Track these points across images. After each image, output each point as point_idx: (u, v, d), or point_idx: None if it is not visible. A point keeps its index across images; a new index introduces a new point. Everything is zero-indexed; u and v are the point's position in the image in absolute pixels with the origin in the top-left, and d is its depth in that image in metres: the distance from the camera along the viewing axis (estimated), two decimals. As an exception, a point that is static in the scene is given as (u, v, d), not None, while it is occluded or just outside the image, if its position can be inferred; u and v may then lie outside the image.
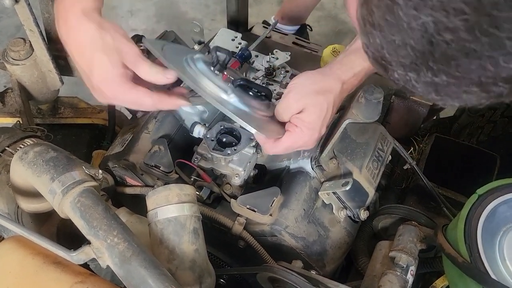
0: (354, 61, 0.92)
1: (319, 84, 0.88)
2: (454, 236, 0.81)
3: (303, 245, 0.93)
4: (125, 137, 1.10)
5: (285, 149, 0.89)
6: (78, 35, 0.78)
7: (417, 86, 0.51)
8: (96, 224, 0.73)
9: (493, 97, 0.49)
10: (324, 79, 0.89)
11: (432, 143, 1.22)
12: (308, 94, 0.86)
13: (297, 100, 0.86)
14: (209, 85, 0.81)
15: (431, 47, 0.46)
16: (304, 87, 0.87)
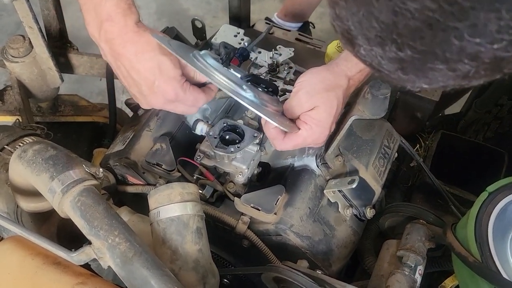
0: None
1: (328, 81, 0.87)
2: (464, 234, 0.79)
3: (309, 244, 0.91)
4: (126, 135, 1.08)
5: (294, 146, 0.88)
6: (138, 45, 0.81)
7: (382, 62, 0.48)
8: (97, 223, 0.71)
9: (460, 76, 0.46)
10: (332, 75, 0.88)
11: (438, 140, 1.20)
12: (318, 92, 0.85)
13: (308, 99, 0.85)
14: (226, 79, 0.81)
15: (395, 17, 0.43)
16: (314, 85, 0.86)
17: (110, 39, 0.81)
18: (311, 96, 0.85)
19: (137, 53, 0.81)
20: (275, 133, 0.87)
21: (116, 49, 0.82)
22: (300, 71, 1.19)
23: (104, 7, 0.79)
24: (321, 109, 0.85)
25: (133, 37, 0.81)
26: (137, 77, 0.83)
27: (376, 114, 0.86)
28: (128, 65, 0.83)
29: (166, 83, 0.83)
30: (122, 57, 0.82)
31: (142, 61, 0.82)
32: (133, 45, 0.81)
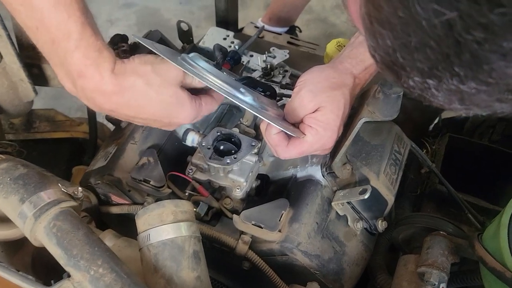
0: (364, 53, 0.84)
1: (332, 79, 0.78)
2: (495, 246, 0.70)
3: (318, 264, 0.81)
4: (108, 149, 0.98)
5: (300, 153, 0.78)
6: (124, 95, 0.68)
7: (437, 95, 0.41)
8: (77, 252, 0.61)
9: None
10: (336, 73, 0.80)
11: (446, 144, 1.12)
12: (322, 91, 0.76)
13: (312, 98, 0.76)
14: (222, 82, 0.71)
15: (457, 48, 0.36)
16: (317, 83, 0.77)
17: (91, 97, 0.68)
18: (315, 95, 0.77)
19: (128, 107, 0.69)
20: (278, 139, 0.78)
21: (102, 107, 0.69)
22: (296, 75, 1.11)
23: (72, 61, 0.65)
24: (327, 110, 0.76)
25: (114, 89, 0.67)
26: (144, 121, 0.73)
27: (389, 115, 0.77)
28: (125, 118, 0.72)
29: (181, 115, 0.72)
30: (114, 112, 0.70)
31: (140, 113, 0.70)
32: (120, 99, 0.68)
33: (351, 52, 0.85)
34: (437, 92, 0.40)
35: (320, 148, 0.79)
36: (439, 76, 0.39)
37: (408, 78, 0.41)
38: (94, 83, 0.66)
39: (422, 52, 0.38)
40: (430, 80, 0.40)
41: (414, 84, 0.41)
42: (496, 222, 0.74)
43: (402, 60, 0.40)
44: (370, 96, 0.78)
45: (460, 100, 0.40)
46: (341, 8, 2.45)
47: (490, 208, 1.03)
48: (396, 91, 0.75)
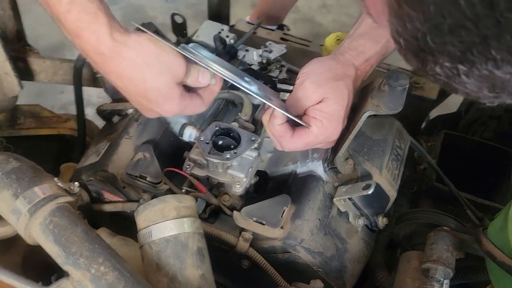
0: (364, 45, 0.83)
1: (335, 70, 0.77)
2: (503, 240, 0.69)
3: (321, 261, 0.79)
4: (100, 145, 0.94)
5: (305, 145, 0.77)
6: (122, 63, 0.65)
7: (466, 81, 0.40)
8: (76, 249, 0.57)
9: None
10: (339, 65, 0.79)
11: (442, 140, 1.12)
12: (326, 82, 0.75)
13: (315, 89, 0.74)
14: (227, 71, 0.69)
15: (497, 29, 0.34)
16: (320, 74, 0.76)
17: (89, 56, 0.67)
18: (319, 85, 0.75)
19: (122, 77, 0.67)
20: (283, 130, 0.76)
21: (99, 67, 0.67)
22: (293, 70, 1.09)
23: (67, 22, 0.63)
24: (331, 101, 0.75)
25: (111, 58, 0.64)
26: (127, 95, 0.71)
27: (393, 108, 0.75)
28: (117, 86, 0.69)
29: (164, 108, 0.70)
30: (110, 75, 0.68)
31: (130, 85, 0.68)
32: (115, 68, 0.66)
33: (351, 43, 0.84)
34: (467, 78, 0.39)
35: (325, 140, 0.77)
36: (472, 60, 0.37)
37: (436, 64, 0.39)
38: (91, 45, 0.64)
39: (457, 35, 0.36)
40: (461, 66, 0.38)
41: (441, 71, 0.40)
42: (502, 216, 0.74)
43: (432, 44, 0.38)
44: (374, 89, 0.77)
45: (491, 87, 0.39)
46: (327, 8, 2.45)
47: (486, 204, 1.02)
48: (402, 84, 0.73)
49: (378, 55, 0.84)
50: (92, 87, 1.20)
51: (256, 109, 0.95)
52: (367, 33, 0.84)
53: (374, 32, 0.83)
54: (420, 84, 1.19)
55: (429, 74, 0.42)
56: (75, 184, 0.67)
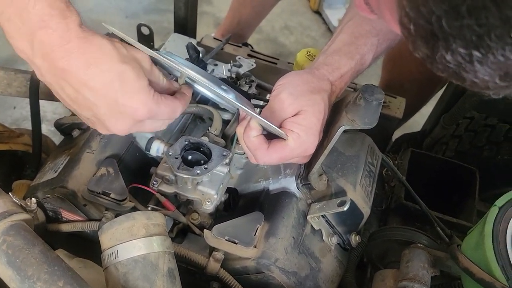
0: (339, 61, 0.82)
1: (312, 83, 0.76)
2: (479, 257, 0.69)
3: (295, 281, 0.76)
4: (58, 160, 0.88)
5: (280, 158, 0.74)
6: (88, 55, 0.60)
7: (478, 69, 0.38)
8: (33, 272, 0.52)
9: None
10: (315, 78, 0.78)
11: (409, 158, 1.12)
12: (303, 94, 0.73)
13: (292, 101, 0.72)
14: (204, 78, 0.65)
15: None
16: (297, 86, 0.74)
17: (47, 53, 0.60)
18: (295, 98, 0.73)
19: (88, 65, 0.60)
20: (258, 143, 0.73)
21: (57, 65, 0.60)
22: (262, 86, 1.07)
23: (34, 10, 0.58)
24: (309, 114, 0.73)
25: (80, 45, 0.60)
26: (92, 97, 0.62)
27: (369, 123, 0.74)
28: (77, 83, 0.62)
29: (134, 99, 0.63)
30: (67, 73, 0.61)
31: (97, 75, 0.61)
32: (81, 56, 0.60)
33: (326, 59, 0.83)
34: (480, 65, 0.37)
35: (301, 154, 0.75)
36: (489, 45, 0.35)
37: (447, 51, 0.38)
38: (58, 35, 0.58)
39: (476, 17, 0.34)
40: (476, 52, 0.36)
41: (452, 58, 0.38)
42: (476, 233, 0.73)
43: (447, 28, 0.36)
44: (349, 103, 0.76)
45: (503, 75, 0.37)
46: (290, 29, 2.48)
47: (454, 221, 1.03)
48: (377, 98, 0.73)
49: (353, 71, 0.83)
50: (48, 103, 1.14)
51: (226, 124, 0.92)
52: (341, 50, 0.84)
53: (348, 49, 0.83)
54: (386, 103, 1.20)
55: (438, 62, 0.41)
56: (32, 200, 0.61)
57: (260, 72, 1.15)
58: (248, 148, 0.75)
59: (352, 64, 0.82)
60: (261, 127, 0.73)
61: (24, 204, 0.61)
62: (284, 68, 1.24)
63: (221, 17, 2.30)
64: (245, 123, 0.73)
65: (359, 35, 0.82)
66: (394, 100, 1.22)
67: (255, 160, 0.76)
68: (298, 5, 2.60)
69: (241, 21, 1.86)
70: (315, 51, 0.98)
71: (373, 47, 0.83)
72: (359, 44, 0.82)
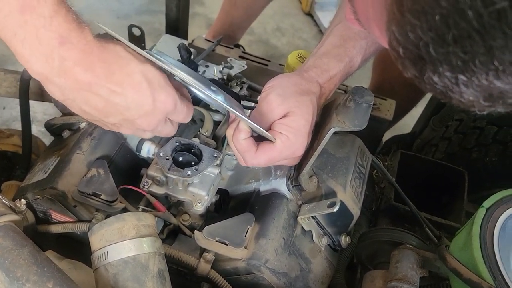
0: (328, 63, 0.83)
1: (300, 85, 0.76)
2: (467, 257, 0.69)
3: (286, 282, 0.76)
4: (48, 161, 0.87)
5: (269, 160, 0.74)
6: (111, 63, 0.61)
7: (464, 91, 0.40)
8: (21, 274, 0.51)
9: None
10: (304, 81, 0.78)
11: (399, 160, 1.13)
12: (291, 96, 0.73)
13: (281, 102, 0.73)
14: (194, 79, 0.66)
15: (503, 41, 0.34)
16: (286, 88, 0.74)
17: (70, 68, 0.59)
18: (284, 99, 0.73)
19: (113, 73, 0.61)
20: (247, 145, 0.73)
21: (82, 79, 0.60)
22: (254, 87, 1.08)
23: (51, 27, 0.57)
24: (297, 115, 0.73)
25: (100, 54, 0.60)
26: (123, 101, 0.63)
27: (358, 125, 0.75)
28: (105, 93, 0.62)
29: (162, 93, 0.64)
30: (94, 85, 0.61)
31: (124, 80, 0.62)
32: (104, 65, 0.60)
33: (315, 62, 0.84)
34: (466, 88, 0.38)
35: (290, 156, 0.76)
36: (473, 71, 0.37)
37: (434, 74, 0.39)
38: (79, 48, 0.58)
39: (461, 45, 0.35)
40: (461, 76, 0.37)
41: (439, 80, 0.39)
42: (464, 233, 0.74)
43: (434, 54, 0.37)
44: (339, 105, 0.76)
45: (487, 96, 0.39)
46: (282, 31, 2.48)
47: (443, 222, 1.04)
48: (367, 100, 0.73)
49: (342, 74, 0.84)
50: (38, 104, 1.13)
51: (217, 125, 0.92)
52: (330, 52, 0.84)
53: (337, 51, 0.84)
54: (376, 105, 1.21)
55: (426, 83, 0.42)
56: (21, 201, 0.61)
57: (251, 74, 1.15)
58: (237, 151, 0.75)
59: (341, 67, 0.83)
60: (250, 129, 0.73)
61: (13, 205, 0.61)
62: (275, 70, 1.24)
63: (213, 18, 2.30)
64: (235, 125, 0.74)
65: (348, 38, 0.83)
66: (384, 102, 1.23)
67: (244, 162, 0.76)
68: (290, 7, 2.61)
69: (232, 22, 1.86)
70: (306, 53, 0.99)
71: (362, 50, 0.84)
72: (348, 46, 0.83)
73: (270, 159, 0.74)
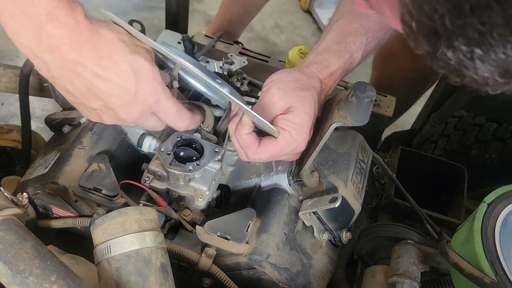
0: (328, 59, 0.83)
1: (301, 81, 0.77)
2: (468, 252, 0.70)
3: (287, 277, 0.76)
4: (48, 156, 0.87)
5: (271, 156, 0.74)
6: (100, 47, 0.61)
7: (479, 66, 0.39)
8: (24, 267, 0.51)
9: None
10: (305, 76, 0.79)
11: (399, 156, 1.13)
12: (293, 90, 0.74)
13: (282, 96, 0.73)
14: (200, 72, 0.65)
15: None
16: (287, 82, 0.74)
17: (57, 46, 0.59)
18: (286, 93, 0.74)
19: (101, 57, 0.61)
20: (249, 140, 0.73)
21: (68, 58, 0.60)
22: (254, 83, 1.07)
23: (40, 4, 0.57)
24: (299, 110, 0.73)
25: (90, 36, 0.60)
26: (106, 87, 0.62)
27: (360, 120, 0.75)
28: (90, 75, 0.62)
29: (147, 87, 0.64)
30: (79, 66, 0.61)
31: (111, 66, 0.62)
32: (93, 48, 0.61)
33: (315, 57, 0.84)
34: (481, 63, 0.37)
35: (292, 152, 0.76)
36: (490, 44, 0.36)
37: (449, 48, 0.38)
38: (67, 27, 0.58)
39: (479, 16, 0.35)
40: (477, 49, 0.36)
41: (453, 55, 0.38)
42: (465, 229, 0.74)
43: (449, 26, 0.36)
44: (341, 100, 0.76)
45: (503, 72, 0.38)
46: (281, 28, 2.48)
47: (443, 219, 1.04)
48: (369, 95, 0.73)
49: (342, 70, 0.84)
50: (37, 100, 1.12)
51: (217, 120, 0.92)
52: (331, 48, 0.84)
53: (337, 47, 0.84)
54: (376, 102, 1.21)
55: (439, 59, 0.41)
56: (23, 195, 0.61)
57: (251, 70, 1.15)
58: (240, 145, 0.75)
59: (341, 63, 0.83)
60: (253, 124, 0.73)
61: (15, 199, 0.61)
62: (276, 66, 1.24)
63: (212, 15, 2.29)
64: (237, 119, 0.74)
65: (348, 34, 0.83)
66: (385, 98, 1.23)
67: (246, 157, 0.76)
68: (289, 5, 2.61)
69: (231, 19, 1.86)
70: (307, 49, 0.99)
71: (362, 46, 0.84)
72: (348, 42, 0.83)
73: (272, 154, 0.74)
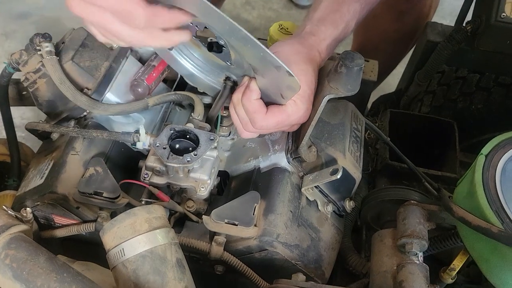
0: (325, 31, 0.83)
1: (303, 53, 0.77)
2: (471, 205, 0.71)
3: (299, 254, 0.77)
4: (41, 166, 0.85)
5: (277, 122, 0.76)
6: None
7: None
8: (42, 282, 0.51)
9: None
10: (305, 49, 0.79)
11: (388, 119, 1.14)
12: (296, 63, 0.75)
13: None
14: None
15: None
16: (290, 56, 0.75)
17: None
18: (289, 65, 0.73)
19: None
20: (258, 105, 0.75)
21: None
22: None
23: None
24: (302, 82, 0.74)
25: None
26: None
27: (351, 90, 0.75)
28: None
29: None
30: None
31: None
32: None
33: (312, 29, 0.83)
34: None
35: (296, 121, 0.78)
36: None
37: None
38: None
39: None
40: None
41: None
42: (466, 182, 0.76)
43: None
44: (330, 72, 0.76)
45: None
46: (251, 4, 2.44)
47: (439, 175, 1.06)
48: (358, 64, 0.73)
49: (337, 41, 0.84)
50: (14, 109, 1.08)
51: (208, 108, 0.91)
52: (326, 18, 0.83)
53: (333, 17, 0.83)
54: (360, 67, 1.21)
55: None
56: (27, 210, 0.60)
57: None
58: (247, 112, 0.75)
59: (337, 34, 0.83)
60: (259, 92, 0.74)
61: (19, 215, 0.59)
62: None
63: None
64: (243, 88, 0.75)
65: (342, 2, 0.83)
66: (367, 63, 1.23)
67: (252, 125, 0.76)
68: (257, -21, 2.57)
69: None
70: (288, 24, 0.97)
71: (356, 13, 0.84)
72: (343, 11, 0.83)
73: (278, 121, 0.75)
